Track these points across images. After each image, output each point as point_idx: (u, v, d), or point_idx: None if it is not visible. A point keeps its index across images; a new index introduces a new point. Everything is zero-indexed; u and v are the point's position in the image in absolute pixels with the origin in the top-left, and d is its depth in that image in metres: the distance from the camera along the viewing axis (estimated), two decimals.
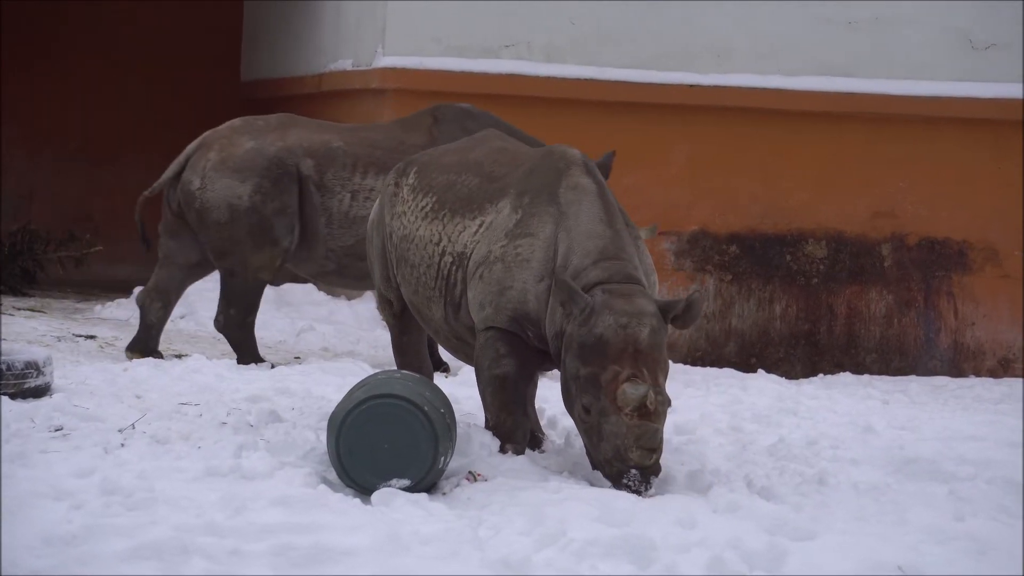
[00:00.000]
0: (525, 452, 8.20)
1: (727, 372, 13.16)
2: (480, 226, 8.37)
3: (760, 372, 13.24)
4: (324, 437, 7.78)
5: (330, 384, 10.21)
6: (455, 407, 8.18)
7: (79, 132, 19.32)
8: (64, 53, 19.20)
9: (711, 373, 13.11)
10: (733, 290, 14.40)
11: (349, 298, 14.59)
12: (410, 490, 7.39)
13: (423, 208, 8.68)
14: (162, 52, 19.37)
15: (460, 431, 8.03)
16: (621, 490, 7.58)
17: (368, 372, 10.57)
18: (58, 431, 8.33)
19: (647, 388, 7.61)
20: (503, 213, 8.31)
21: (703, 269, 14.39)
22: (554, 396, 8.98)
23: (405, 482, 7.44)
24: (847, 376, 13.91)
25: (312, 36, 16.24)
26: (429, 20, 14.14)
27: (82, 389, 9.70)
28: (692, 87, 14.33)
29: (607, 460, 7.69)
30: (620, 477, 7.64)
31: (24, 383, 9.34)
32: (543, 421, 8.99)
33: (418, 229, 8.65)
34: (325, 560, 6.30)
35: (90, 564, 6.09)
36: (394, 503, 7.20)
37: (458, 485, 7.63)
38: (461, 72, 14.10)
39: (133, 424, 8.59)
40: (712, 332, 14.39)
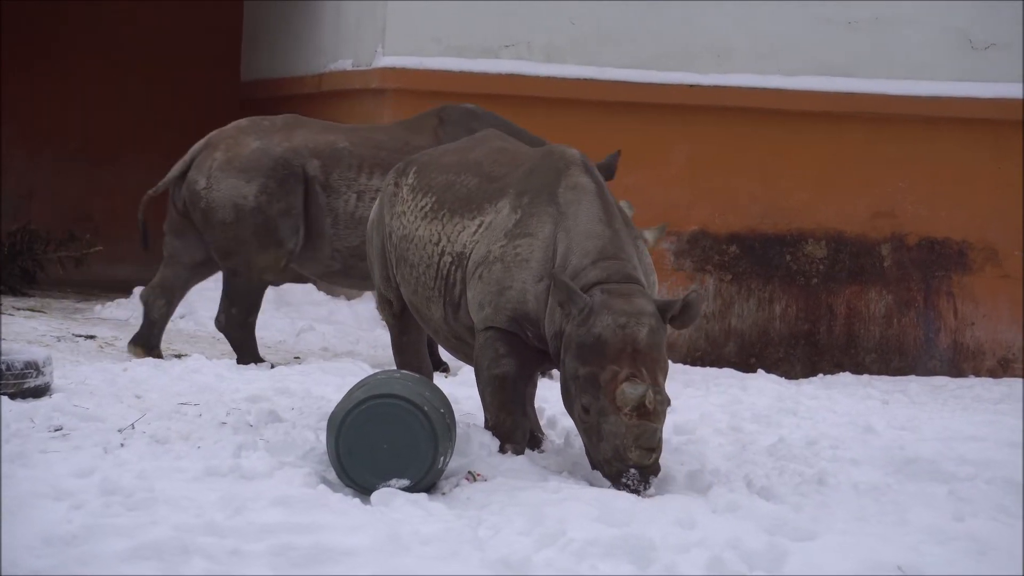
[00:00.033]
0: (524, 452, 8.20)
1: (727, 372, 13.15)
2: (479, 226, 8.36)
3: (760, 372, 13.24)
4: (324, 437, 7.78)
5: (330, 384, 10.21)
6: (455, 407, 8.17)
7: (79, 132, 19.32)
8: (64, 53, 19.20)
9: (711, 373, 13.11)
10: (733, 290, 14.40)
11: (349, 298, 14.58)
12: (410, 490, 7.39)
13: (422, 208, 8.67)
14: (162, 52, 19.38)
15: (460, 431, 8.02)
16: (620, 490, 7.58)
17: (368, 372, 10.57)
18: (58, 431, 8.32)
19: (646, 388, 7.61)
20: (502, 213, 8.31)
21: (703, 269, 14.39)
22: (554, 396, 8.98)
23: (405, 482, 7.43)
24: (847, 376, 13.91)
25: (312, 36, 16.24)
26: (429, 20, 14.14)
27: (82, 389, 9.70)
28: (692, 87, 14.32)
29: (606, 460, 7.69)
30: (619, 477, 7.64)
31: (24, 383, 9.34)
32: (542, 421, 8.98)
33: (417, 229, 8.64)
34: (325, 560, 6.30)
35: (90, 564, 6.09)
36: (394, 503, 7.20)
37: (458, 485, 7.63)
38: (461, 72, 14.10)
39: (133, 424, 8.58)
40: (712, 332, 14.38)
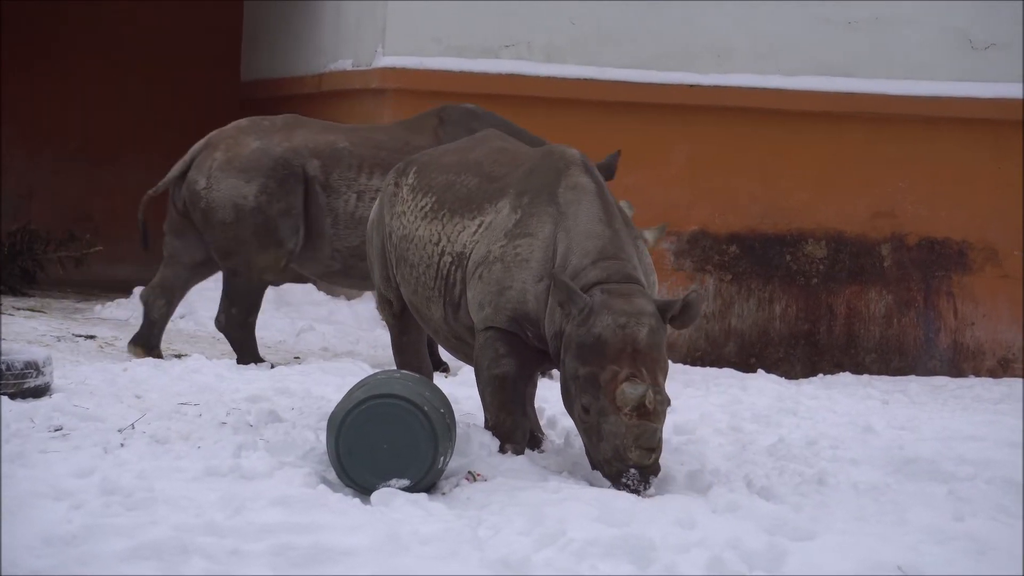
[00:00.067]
0: (524, 452, 8.20)
1: (727, 372, 13.15)
2: (479, 226, 8.36)
3: (760, 372, 13.24)
4: (324, 437, 7.78)
5: (330, 384, 10.21)
6: (455, 407, 8.17)
7: (79, 132, 19.32)
8: (64, 53, 19.20)
9: (711, 373, 13.11)
10: (733, 290, 14.40)
11: (349, 298, 14.58)
12: (409, 490, 7.39)
13: (422, 208, 8.67)
14: (162, 52, 19.38)
15: (459, 431, 8.02)
16: (620, 490, 7.58)
17: (368, 372, 10.57)
18: (58, 431, 8.32)
19: (646, 388, 7.61)
20: (502, 213, 8.31)
21: (703, 269, 14.38)
22: (554, 396, 8.98)
23: (404, 482, 7.43)
24: (847, 376, 13.91)
25: (312, 36, 16.24)
26: (429, 20, 14.14)
27: (82, 389, 9.70)
28: (692, 87, 14.32)
29: (606, 460, 7.69)
30: (619, 477, 7.64)
31: (24, 383, 9.34)
32: (542, 421, 8.98)
33: (417, 229, 8.64)
34: (324, 560, 6.30)
35: (90, 564, 6.09)
36: (393, 503, 7.20)
37: (457, 485, 7.63)
38: (461, 72, 14.10)
39: (133, 424, 8.58)
40: (712, 332, 14.38)
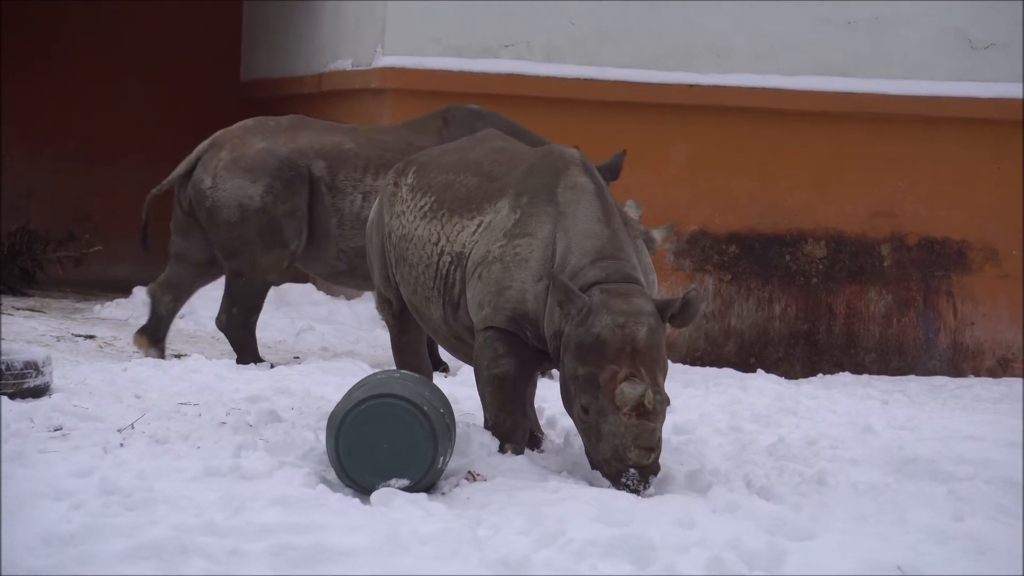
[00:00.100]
0: (524, 452, 8.20)
1: (726, 372, 13.15)
2: (479, 226, 8.36)
3: (759, 372, 13.23)
4: (323, 437, 7.77)
5: (329, 384, 10.20)
6: (454, 407, 8.17)
7: (79, 132, 19.32)
8: (64, 53, 19.20)
9: (710, 373, 13.11)
10: (732, 290, 14.40)
11: (348, 298, 14.58)
12: (409, 490, 7.39)
13: (422, 208, 8.67)
14: (162, 52, 19.38)
15: (459, 431, 8.02)
16: (620, 490, 7.58)
17: (367, 372, 10.56)
18: (57, 431, 8.32)
19: (645, 387, 7.61)
20: (502, 213, 8.31)
21: (702, 269, 14.39)
22: (553, 396, 8.98)
23: (404, 482, 7.43)
24: (846, 376, 13.91)
25: (311, 36, 16.24)
26: (428, 20, 14.14)
27: (81, 389, 9.70)
28: (692, 87, 14.32)
29: (606, 460, 7.69)
30: (619, 477, 7.64)
31: (23, 383, 9.34)
32: (542, 421, 8.98)
33: (417, 229, 8.64)
34: (324, 560, 6.30)
35: (89, 564, 6.09)
36: (393, 503, 7.20)
37: (457, 485, 7.63)
38: (460, 72, 14.09)
39: (132, 424, 8.58)
40: (711, 332, 14.38)
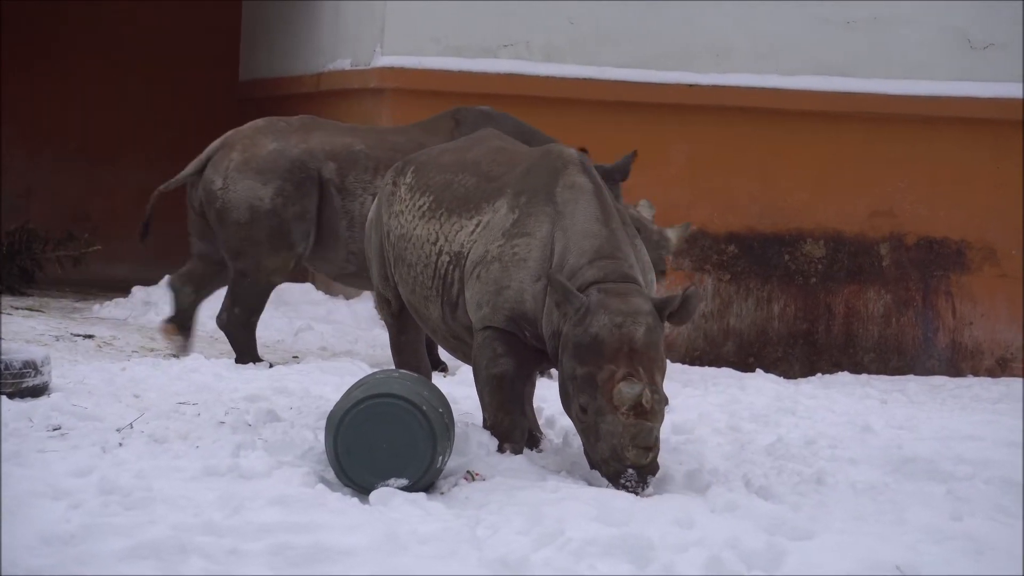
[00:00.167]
0: (523, 451, 8.20)
1: (725, 372, 13.15)
2: (477, 226, 8.36)
3: (758, 371, 13.24)
4: (322, 436, 7.77)
5: (328, 383, 10.20)
6: (453, 406, 8.17)
7: (79, 132, 19.32)
8: (64, 53, 19.20)
9: (709, 373, 13.11)
10: (731, 290, 14.41)
11: (347, 297, 14.58)
12: (408, 489, 7.39)
13: (420, 207, 8.67)
14: (162, 52, 19.38)
15: (458, 430, 8.02)
16: (619, 489, 7.58)
17: (366, 371, 10.56)
18: (56, 430, 8.32)
19: (643, 387, 7.61)
20: (500, 213, 8.31)
21: (701, 268, 14.39)
22: (552, 395, 8.98)
23: (403, 481, 7.43)
24: (845, 375, 13.91)
25: (311, 36, 16.24)
26: (428, 20, 14.14)
27: (80, 388, 9.70)
28: (691, 87, 14.33)
29: (604, 460, 7.69)
30: (617, 476, 7.64)
31: (22, 382, 9.34)
32: (541, 420, 8.98)
33: (415, 228, 8.64)
34: (323, 559, 6.30)
35: (88, 563, 6.09)
36: (392, 502, 7.20)
37: (456, 484, 7.63)
38: (460, 72, 14.10)
39: (131, 423, 8.58)
40: (710, 332, 14.39)
